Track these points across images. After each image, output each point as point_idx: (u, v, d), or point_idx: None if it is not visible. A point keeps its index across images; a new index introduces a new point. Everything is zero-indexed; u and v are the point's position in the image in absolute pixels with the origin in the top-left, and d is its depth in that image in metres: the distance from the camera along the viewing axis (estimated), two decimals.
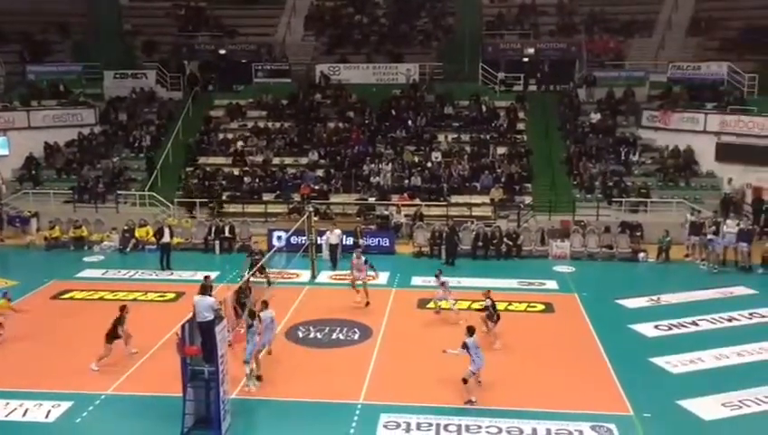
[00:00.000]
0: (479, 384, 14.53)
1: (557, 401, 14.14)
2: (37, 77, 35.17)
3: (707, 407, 13.99)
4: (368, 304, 19.74)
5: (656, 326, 18.42)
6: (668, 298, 20.67)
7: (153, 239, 25.11)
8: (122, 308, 16.12)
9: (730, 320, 18.94)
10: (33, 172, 31.12)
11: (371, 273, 20.22)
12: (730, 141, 28.54)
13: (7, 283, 21.82)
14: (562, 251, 25.19)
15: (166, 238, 24.05)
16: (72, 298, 20.65)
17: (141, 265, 24.17)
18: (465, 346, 14.13)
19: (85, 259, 25.07)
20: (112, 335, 15.68)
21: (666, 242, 24.50)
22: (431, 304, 19.33)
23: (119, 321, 15.81)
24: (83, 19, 38.45)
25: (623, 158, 30.21)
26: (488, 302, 17.39)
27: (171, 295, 20.86)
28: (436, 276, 19.43)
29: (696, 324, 18.60)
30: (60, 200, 29.58)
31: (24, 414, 13.74)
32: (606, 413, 13.70)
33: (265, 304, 15.47)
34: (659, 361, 16.17)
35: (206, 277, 17.20)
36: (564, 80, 35.62)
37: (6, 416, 13.67)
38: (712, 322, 18.80)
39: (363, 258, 20.29)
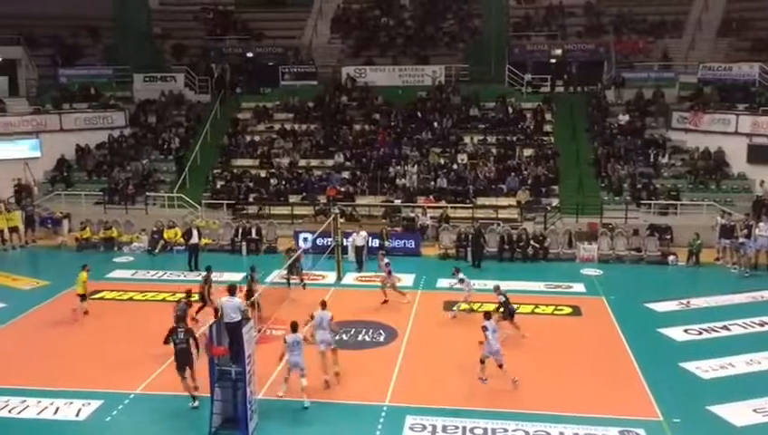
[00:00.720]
0: (502, 370, 14.74)
1: (585, 406, 14.02)
2: (69, 80, 35.78)
3: (738, 413, 13.75)
4: (386, 301, 19.99)
5: (685, 330, 18.18)
6: (698, 302, 20.38)
7: (182, 240, 25.40)
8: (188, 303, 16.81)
9: (762, 324, 18.61)
10: (65, 174, 31.66)
11: (395, 274, 20.60)
12: (762, 143, 28.06)
13: (39, 283, 22.26)
14: (590, 254, 24.96)
15: (194, 239, 24.33)
16: (102, 298, 20.90)
17: (170, 266, 24.43)
18: (484, 329, 14.66)
19: (115, 260, 25.43)
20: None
21: (696, 245, 24.16)
22: (462, 306, 19.21)
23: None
24: (113, 23, 39.02)
25: (652, 160, 29.86)
26: (501, 298, 17.41)
27: (199, 296, 21.03)
28: (454, 275, 19.53)
29: (727, 329, 18.32)
30: (90, 202, 30.05)
31: (56, 412, 13.96)
32: (635, 418, 13.55)
33: (323, 305, 15.56)
34: (689, 365, 15.95)
35: (208, 268, 19.11)
36: (592, 81, 35.30)
37: (38, 414, 13.90)
38: (743, 326, 18.48)
39: (385, 260, 20.62)
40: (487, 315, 15.15)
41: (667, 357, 16.50)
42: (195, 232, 24.53)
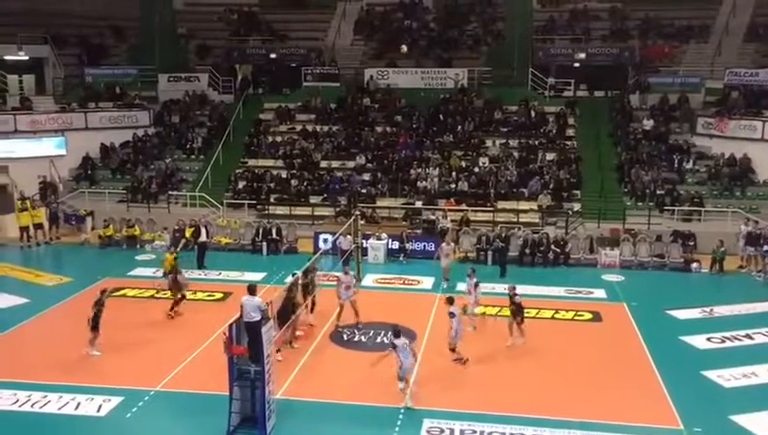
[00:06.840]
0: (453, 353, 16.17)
1: (604, 413, 13.90)
2: (95, 79, 36.13)
3: (761, 423, 13.57)
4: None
5: (708, 338, 17.98)
6: (722, 310, 20.13)
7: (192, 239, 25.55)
8: (102, 292, 16.86)
9: None
10: (90, 172, 32.05)
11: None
12: None
13: (62, 279, 22.52)
14: (612, 259, 24.75)
15: (203, 238, 24.54)
16: (123, 296, 21.06)
17: (191, 264, 24.55)
18: (452, 315, 15.89)
19: (137, 258, 25.64)
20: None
21: (720, 252, 23.87)
22: (476, 310, 19.00)
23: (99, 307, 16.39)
24: (139, 23, 39.41)
25: (676, 165, 29.57)
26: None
27: (219, 295, 21.20)
28: (469, 276, 19.03)
29: (751, 338, 18.09)
30: (114, 200, 30.38)
31: (77, 408, 14.10)
32: (655, 426, 13.42)
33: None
34: (711, 374, 15.77)
35: None
36: (616, 85, 35.02)
37: (59, 409, 14.05)
38: (767, 335, 18.21)
39: (351, 272, 19.46)
40: (450, 300, 16.14)
41: (688, 365, 16.33)
42: (203, 230, 24.71)
